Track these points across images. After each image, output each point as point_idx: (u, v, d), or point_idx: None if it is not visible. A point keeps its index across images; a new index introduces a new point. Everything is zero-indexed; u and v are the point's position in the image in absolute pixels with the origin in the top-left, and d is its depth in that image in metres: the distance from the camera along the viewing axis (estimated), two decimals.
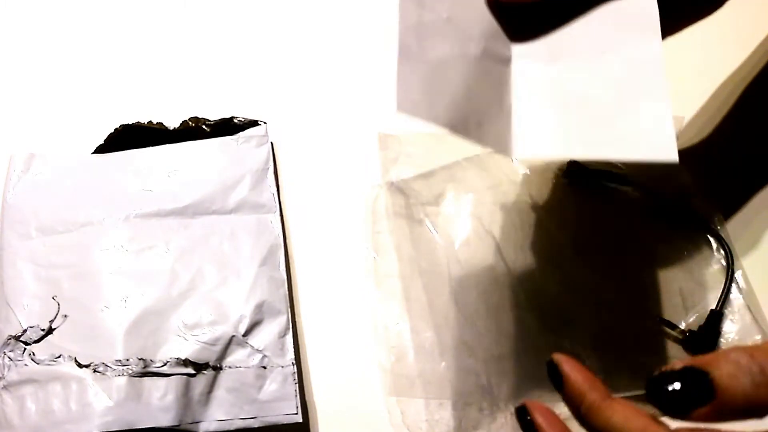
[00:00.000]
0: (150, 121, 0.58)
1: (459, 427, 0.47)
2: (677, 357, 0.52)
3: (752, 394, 0.25)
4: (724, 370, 0.26)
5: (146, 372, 0.45)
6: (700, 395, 0.26)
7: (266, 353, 0.48)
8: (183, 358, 0.46)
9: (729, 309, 0.54)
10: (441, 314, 0.52)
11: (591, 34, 0.40)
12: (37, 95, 0.62)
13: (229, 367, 0.47)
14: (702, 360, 0.27)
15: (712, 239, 0.57)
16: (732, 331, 0.53)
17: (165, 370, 0.45)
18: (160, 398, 0.44)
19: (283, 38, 0.67)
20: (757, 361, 0.26)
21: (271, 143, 0.58)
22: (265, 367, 0.47)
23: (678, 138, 0.62)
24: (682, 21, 0.48)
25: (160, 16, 0.68)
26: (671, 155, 0.36)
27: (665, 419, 0.29)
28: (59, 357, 0.45)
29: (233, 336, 0.47)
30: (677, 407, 0.27)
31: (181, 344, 0.47)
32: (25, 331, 0.47)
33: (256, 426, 0.45)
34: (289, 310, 0.50)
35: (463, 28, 0.38)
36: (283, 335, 0.49)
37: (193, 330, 0.47)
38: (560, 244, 0.56)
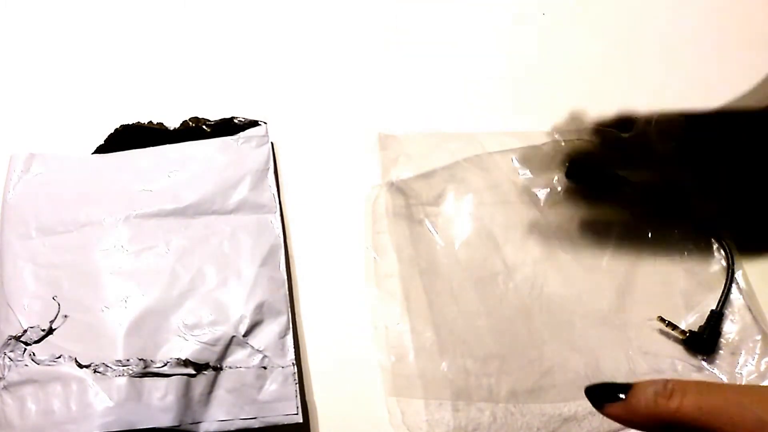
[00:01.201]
0: (150, 121, 0.57)
1: (459, 427, 0.47)
2: (678, 357, 0.52)
3: (652, 402, 0.31)
4: (640, 383, 0.32)
5: (146, 372, 0.45)
6: (615, 394, 0.33)
7: (266, 353, 0.48)
8: (183, 358, 0.46)
9: (729, 309, 0.54)
10: (441, 314, 0.52)
11: None
12: (37, 95, 0.62)
13: (230, 368, 0.47)
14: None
15: (712, 239, 0.57)
16: (732, 331, 0.53)
17: (165, 370, 0.45)
18: (161, 398, 0.44)
19: (283, 38, 0.67)
20: (665, 382, 0.31)
21: (271, 143, 0.58)
22: (265, 368, 0.47)
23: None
24: None
25: (160, 16, 0.68)
26: None
27: None
28: (59, 357, 0.45)
29: (233, 336, 0.47)
30: (595, 399, 0.33)
31: (181, 344, 0.47)
32: (25, 331, 0.47)
33: (256, 426, 0.45)
34: (289, 310, 0.50)
35: None
36: (283, 335, 0.49)
37: (193, 330, 0.47)
38: (560, 244, 0.56)
